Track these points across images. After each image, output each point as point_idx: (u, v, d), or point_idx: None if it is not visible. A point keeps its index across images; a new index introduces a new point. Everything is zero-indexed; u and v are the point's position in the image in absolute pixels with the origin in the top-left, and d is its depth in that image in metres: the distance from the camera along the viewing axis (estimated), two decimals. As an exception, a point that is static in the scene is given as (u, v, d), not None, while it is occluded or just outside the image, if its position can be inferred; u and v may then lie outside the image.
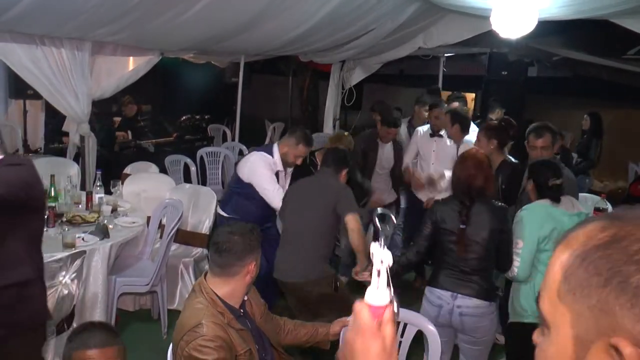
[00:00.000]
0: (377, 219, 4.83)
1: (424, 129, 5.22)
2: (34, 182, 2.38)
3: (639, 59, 6.38)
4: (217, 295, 2.12)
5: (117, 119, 7.54)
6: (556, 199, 3.10)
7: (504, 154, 4.21)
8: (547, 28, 5.10)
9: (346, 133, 4.36)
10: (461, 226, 2.88)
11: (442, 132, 5.01)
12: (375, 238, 2.15)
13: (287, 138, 4.03)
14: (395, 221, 5.14)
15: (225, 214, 4.11)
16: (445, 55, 7.93)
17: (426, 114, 5.54)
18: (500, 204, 3.09)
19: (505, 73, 7.94)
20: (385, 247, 0.88)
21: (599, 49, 6.52)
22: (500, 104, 7.00)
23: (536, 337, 0.75)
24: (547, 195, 3.09)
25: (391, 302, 0.84)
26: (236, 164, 4.14)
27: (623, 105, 9.01)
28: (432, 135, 5.07)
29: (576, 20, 4.87)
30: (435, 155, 5.02)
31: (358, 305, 0.83)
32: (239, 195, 4.03)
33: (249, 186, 3.92)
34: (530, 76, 8.81)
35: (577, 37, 6.50)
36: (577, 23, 5.09)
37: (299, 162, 4.05)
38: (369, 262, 2.78)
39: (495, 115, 6.83)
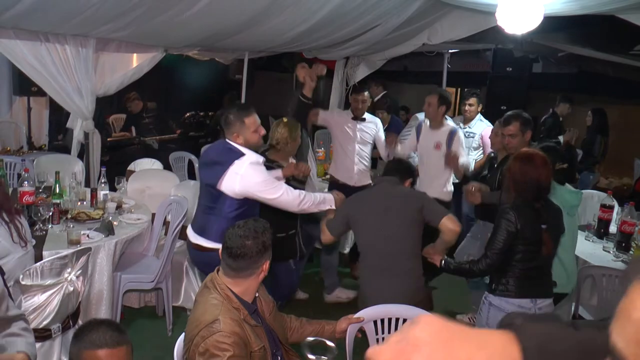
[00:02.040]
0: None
1: (347, 111, 5.29)
2: None
3: (647, 54, 6.35)
4: (231, 291, 2.11)
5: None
6: (561, 181, 3.30)
7: None
8: (553, 24, 5.06)
9: (285, 119, 3.99)
10: (542, 226, 2.85)
11: (365, 116, 5.15)
12: None
13: (231, 128, 3.26)
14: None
15: (209, 244, 3.21)
16: (450, 51, 7.89)
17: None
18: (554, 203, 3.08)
19: (510, 69, 7.89)
20: None
21: (605, 45, 6.48)
22: (567, 98, 7.04)
23: None
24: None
25: None
26: (210, 185, 3.24)
27: (629, 102, 8.96)
28: (354, 119, 5.11)
29: (582, 15, 4.84)
30: (360, 137, 5.13)
31: None
32: (227, 219, 3.11)
33: (244, 201, 3.19)
34: (535, 72, 8.77)
35: (583, 33, 6.45)
36: (582, 19, 5.06)
37: (262, 133, 3.34)
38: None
39: (560, 110, 6.89)
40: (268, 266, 2.18)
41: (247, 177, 3.10)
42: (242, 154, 3.16)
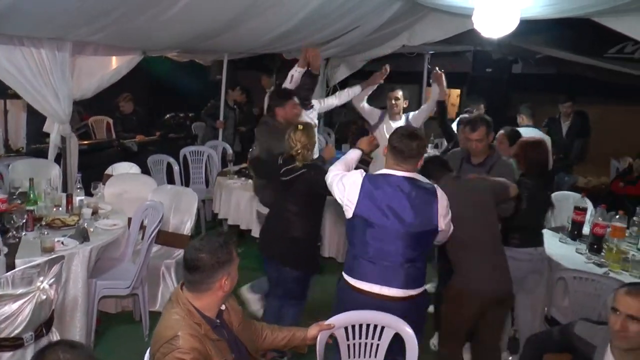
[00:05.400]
0: None
1: None
2: None
3: (620, 57, 6.44)
4: (193, 307, 2.10)
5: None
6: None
7: None
8: (531, 27, 5.11)
9: (300, 125, 3.68)
10: (548, 192, 4.03)
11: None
12: None
13: (416, 158, 2.89)
14: None
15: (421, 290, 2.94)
16: (430, 53, 7.95)
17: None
18: None
19: (490, 70, 7.98)
20: None
21: (581, 48, 6.56)
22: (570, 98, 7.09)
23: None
24: None
25: None
26: (423, 231, 2.85)
27: (606, 102, 9.07)
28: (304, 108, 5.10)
29: (559, 19, 4.90)
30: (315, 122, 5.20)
31: None
32: (420, 263, 2.92)
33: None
34: (514, 73, 8.86)
35: (560, 35, 6.53)
36: (560, 22, 5.12)
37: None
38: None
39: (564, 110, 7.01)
40: (228, 283, 2.14)
41: (448, 207, 2.89)
42: (429, 184, 2.92)
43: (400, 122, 5.35)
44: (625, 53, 6.36)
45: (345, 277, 2.94)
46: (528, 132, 5.25)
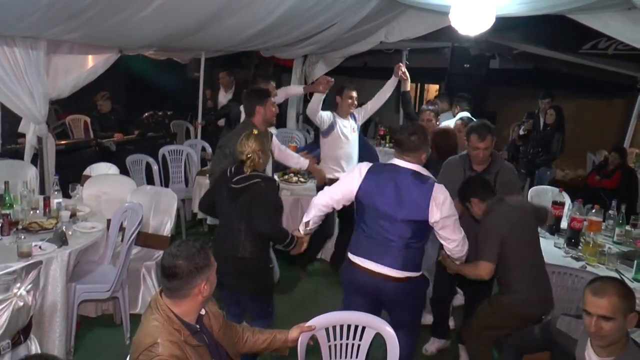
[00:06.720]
0: None
1: None
2: None
3: (594, 53, 6.55)
4: (173, 313, 2.08)
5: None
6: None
7: None
8: (507, 23, 5.18)
9: (255, 131, 3.44)
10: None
11: None
12: None
13: (420, 149, 3.08)
14: None
15: (415, 274, 3.09)
16: (408, 49, 7.99)
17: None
18: None
19: (468, 66, 8.04)
20: None
21: (557, 44, 6.66)
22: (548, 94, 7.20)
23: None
24: None
25: None
26: (414, 221, 3.00)
27: (582, 96, 9.22)
28: None
29: (535, 16, 4.95)
30: None
31: None
32: (415, 248, 3.08)
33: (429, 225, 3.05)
34: (492, 68, 8.95)
35: (536, 32, 6.62)
36: (536, 19, 5.18)
37: None
38: None
39: (543, 107, 7.12)
40: (206, 288, 2.12)
41: (447, 203, 2.97)
42: (430, 178, 3.05)
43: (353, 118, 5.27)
44: (599, 49, 6.48)
45: (348, 255, 3.18)
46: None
